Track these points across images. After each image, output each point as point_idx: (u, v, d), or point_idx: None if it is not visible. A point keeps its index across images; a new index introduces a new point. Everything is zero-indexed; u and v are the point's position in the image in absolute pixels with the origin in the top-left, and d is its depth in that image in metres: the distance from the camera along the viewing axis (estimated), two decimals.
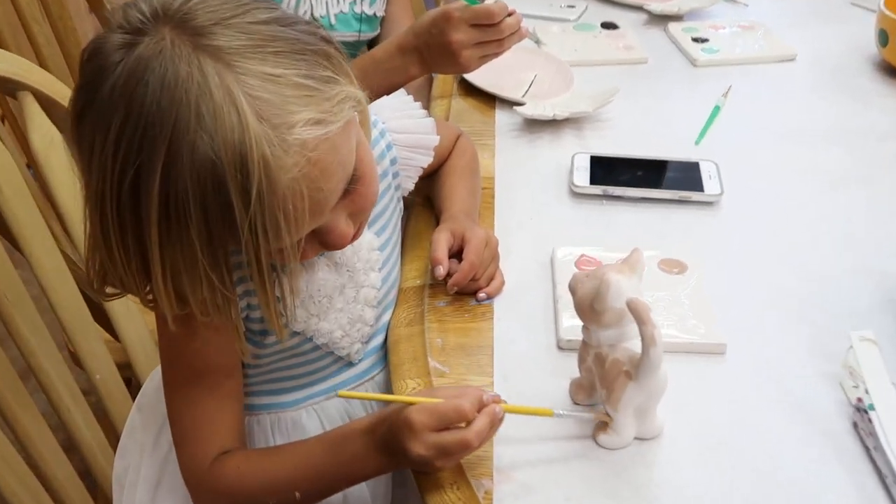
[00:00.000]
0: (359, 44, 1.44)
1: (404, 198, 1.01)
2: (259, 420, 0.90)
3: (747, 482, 0.75)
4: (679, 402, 0.80)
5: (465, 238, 0.95)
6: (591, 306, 0.76)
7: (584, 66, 1.40)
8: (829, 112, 1.30)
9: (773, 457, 0.78)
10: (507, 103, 1.31)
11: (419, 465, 0.74)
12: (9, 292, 0.93)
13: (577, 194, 1.11)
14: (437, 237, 0.95)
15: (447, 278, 0.94)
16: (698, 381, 0.85)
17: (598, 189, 1.10)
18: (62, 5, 1.44)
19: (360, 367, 0.93)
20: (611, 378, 0.75)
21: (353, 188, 0.72)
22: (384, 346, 0.94)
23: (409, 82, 1.21)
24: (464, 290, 0.94)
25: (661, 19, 1.56)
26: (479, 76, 1.32)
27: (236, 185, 0.62)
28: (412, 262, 1.01)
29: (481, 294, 0.94)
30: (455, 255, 0.96)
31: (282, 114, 0.64)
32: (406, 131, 0.96)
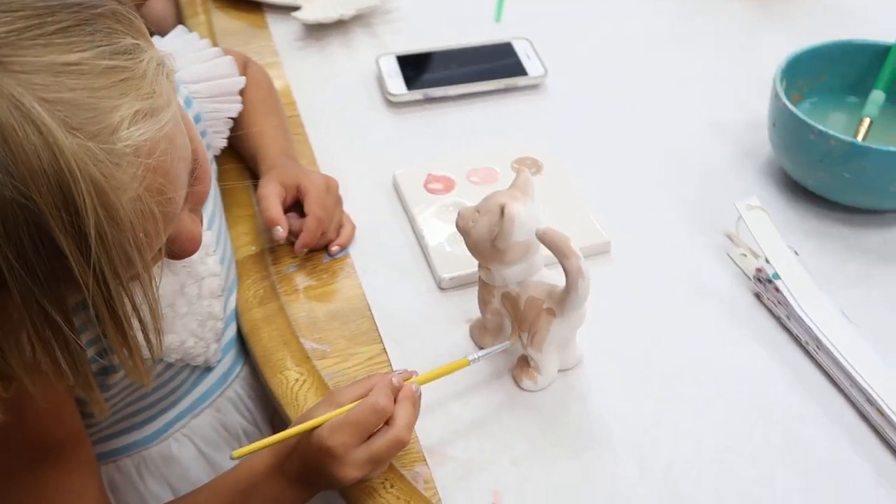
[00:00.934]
0: None
1: None
2: (120, 466, 0.74)
3: (673, 378, 0.71)
4: None
5: (299, 187, 0.81)
6: (491, 245, 0.66)
7: None
8: None
9: (688, 343, 0.74)
10: (278, 10, 1.14)
11: (351, 487, 0.63)
12: None
13: (395, 103, 0.99)
14: (265, 192, 0.80)
15: (290, 239, 0.80)
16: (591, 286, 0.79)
17: (417, 94, 0.98)
18: None
19: (220, 369, 0.78)
20: (531, 318, 0.67)
21: (191, 178, 0.55)
22: (239, 337, 0.80)
23: None
24: (313, 247, 0.81)
25: None
26: None
27: (64, 228, 0.45)
28: (237, 226, 0.86)
29: (334, 247, 0.81)
30: (291, 209, 0.82)
31: (97, 115, 0.46)
32: (203, 78, 0.78)
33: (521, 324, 0.68)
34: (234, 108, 0.82)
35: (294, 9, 1.11)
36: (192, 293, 0.71)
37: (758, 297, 0.77)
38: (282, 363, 0.74)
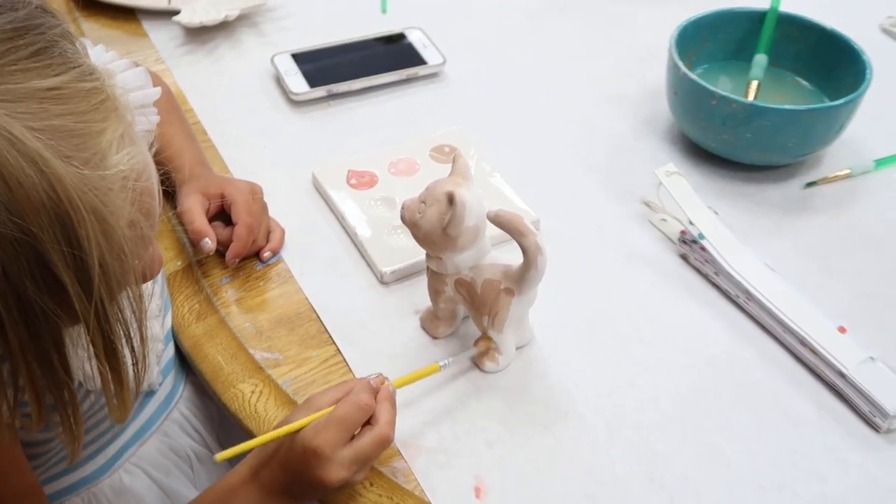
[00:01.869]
0: None
1: None
2: None
3: (621, 343, 0.74)
4: None
5: (224, 195, 0.78)
6: (443, 233, 0.67)
7: None
8: None
9: (628, 309, 0.77)
10: (153, 15, 1.09)
11: (335, 493, 0.62)
12: None
13: (298, 102, 0.97)
14: (188, 205, 0.77)
15: (219, 249, 0.77)
16: None
17: (321, 90, 0.97)
18: None
19: (162, 391, 0.75)
20: (490, 301, 0.67)
21: None
22: (176, 357, 0.76)
23: None
24: (245, 255, 0.78)
25: None
26: None
27: (65, 261, 0.42)
28: (158, 240, 0.82)
29: (266, 253, 0.79)
30: (214, 219, 0.79)
31: (86, 141, 0.43)
32: None
33: (479, 308, 0.69)
34: (152, 121, 0.78)
35: (172, 13, 1.06)
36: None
37: (684, 258, 0.81)
38: (233, 377, 0.71)
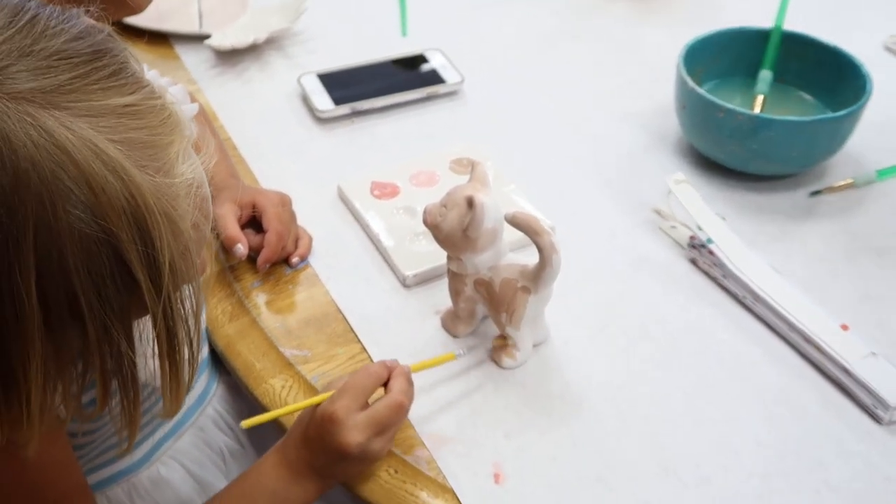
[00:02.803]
0: None
1: None
2: (110, 496, 0.74)
3: (633, 341, 0.77)
4: None
5: (255, 205, 0.83)
6: (464, 235, 0.71)
7: None
8: None
9: (638, 309, 0.80)
10: (185, 39, 1.15)
11: (357, 464, 0.65)
12: None
13: (323, 119, 1.02)
14: (221, 213, 0.82)
15: (251, 255, 0.82)
16: None
17: (345, 108, 1.01)
18: None
19: (197, 388, 0.79)
20: (508, 299, 0.71)
21: None
22: (208, 357, 0.81)
23: None
24: (275, 261, 0.83)
25: None
26: (138, 17, 1.13)
27: (140, 259, 0.46)
28: None
29: (294, 258, 0.84)
30: (245, 227, 0.84)
31: (157, 153, 0.48)
32: None
33: (497, 306, 0.72)
34: (193, 134, 0.83)
35: (204, 37, 1.12)
36: None
37: (693, 262, 0.85)
38: (265, 373, 0.75)
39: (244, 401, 0.83)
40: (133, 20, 1.13)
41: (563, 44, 1.16)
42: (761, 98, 0.97)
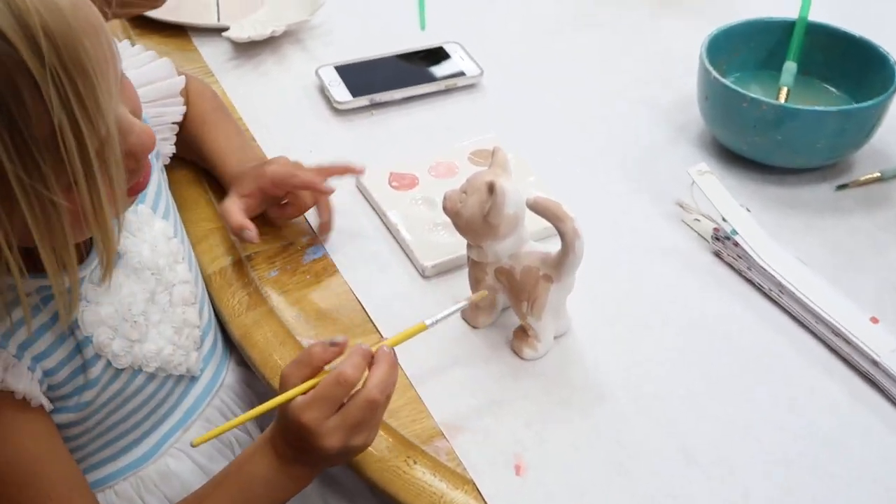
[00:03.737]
0: None
1: None
2: (118, 491, 0.73)
3: (656, 333, 0.76)
4: None
5: (261, 189, 0.83)
6: (484, 222, 0.69)
7: None
8: None
9: (661, 301, 0.79)
10: (202, 31, 1.14)
11: (343, 457, 0.64)
12: None
13: (342, 111, 1.01)
14: (225, 207, 0.82)
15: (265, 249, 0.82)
16: None
17: (363, 100, 1.01)
18: None
19: (204, 379, 0.77)
20: (529, 287, 0.70)
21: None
22: (216, 347, 0.80)
23: None
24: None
25: None
26: (158, 11, 1.13)
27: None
28: (208, 238, 0.86)
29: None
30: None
31: None
32: (142, 83, 0.77)
33: (518, 294, 0.71)
34: (178, 111, 0.83)
35: (222, 29, 1.11)
36: (163, 300, 0.72)
37: (717, 255, 0.83)
38: (282, 362, 0.74)
39: (253, 391, 0.83)
40: (151, 12, 1.13)
41: (582, 34, 1.15)
42: (785, 90, 0.95)
